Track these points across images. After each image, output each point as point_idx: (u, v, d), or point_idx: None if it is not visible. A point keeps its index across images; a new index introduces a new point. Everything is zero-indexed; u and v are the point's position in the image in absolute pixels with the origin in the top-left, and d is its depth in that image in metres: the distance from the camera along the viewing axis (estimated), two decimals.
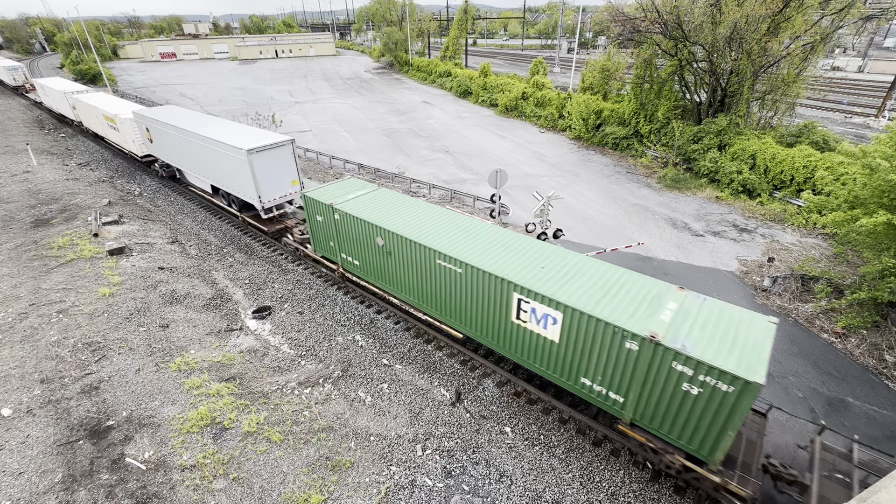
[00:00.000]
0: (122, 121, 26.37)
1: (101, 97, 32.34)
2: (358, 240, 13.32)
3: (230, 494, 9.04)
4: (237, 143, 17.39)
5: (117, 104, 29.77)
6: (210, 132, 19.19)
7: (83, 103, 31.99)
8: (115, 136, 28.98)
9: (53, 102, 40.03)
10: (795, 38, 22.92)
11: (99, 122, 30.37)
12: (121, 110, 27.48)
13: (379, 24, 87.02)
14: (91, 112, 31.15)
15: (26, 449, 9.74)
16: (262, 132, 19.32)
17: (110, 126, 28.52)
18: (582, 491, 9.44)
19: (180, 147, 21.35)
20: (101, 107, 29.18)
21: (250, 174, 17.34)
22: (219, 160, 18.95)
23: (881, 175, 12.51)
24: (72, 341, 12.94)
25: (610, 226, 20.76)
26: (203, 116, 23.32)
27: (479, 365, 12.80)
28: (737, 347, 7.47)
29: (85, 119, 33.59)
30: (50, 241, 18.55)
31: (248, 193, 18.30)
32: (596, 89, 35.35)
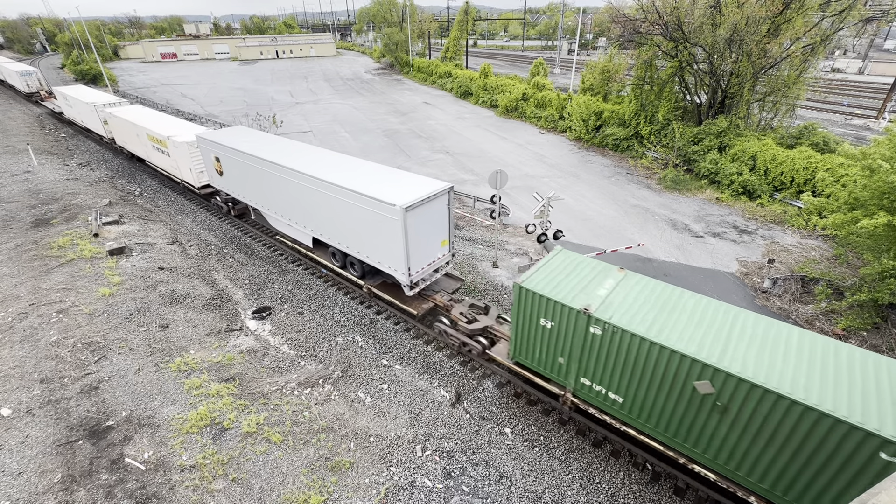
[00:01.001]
0: (175, 144, 21.75)
1: (142, 113, 27.78)
2: (632, 368, 8.51)
3: (229, 495, 9.03)
4: (383, 195, 12.05)
5: (167, 122, 25.16)
6: (329, 174, 13.84)
7: (120, 119, 27.29)
8: (162, 160, 24.38)
9: (79, 115, 35.00)
10: (795, 40, 22.94)
11: (140, 143, 25.89)
12: (173, 131, 22.86)
13: (379, 24, 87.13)
14: (129, 130, 26.57)
15: (26, 449, 9.74)
16: (406, 176, 13.85)
17: (157, 148, 24.04)
18: (582, 492, 9.43)
19: (271, 186, 16.33)
20: (144, 125, 24.55)
21: (400, 239, 11.98)
22: (340, 212, 13.61)
23: (881, 176, 12.51)
24: (71, 341, 12.94)
25: (610, 227, 20.76)
26: (301, 147, 17.24)
27: (479, 366, 12.80)
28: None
29: (119, 136, 29.16)
30: (50, 241, 18.56)
31: (389, 261, 13.05)
32: (596, 90, 35.38)
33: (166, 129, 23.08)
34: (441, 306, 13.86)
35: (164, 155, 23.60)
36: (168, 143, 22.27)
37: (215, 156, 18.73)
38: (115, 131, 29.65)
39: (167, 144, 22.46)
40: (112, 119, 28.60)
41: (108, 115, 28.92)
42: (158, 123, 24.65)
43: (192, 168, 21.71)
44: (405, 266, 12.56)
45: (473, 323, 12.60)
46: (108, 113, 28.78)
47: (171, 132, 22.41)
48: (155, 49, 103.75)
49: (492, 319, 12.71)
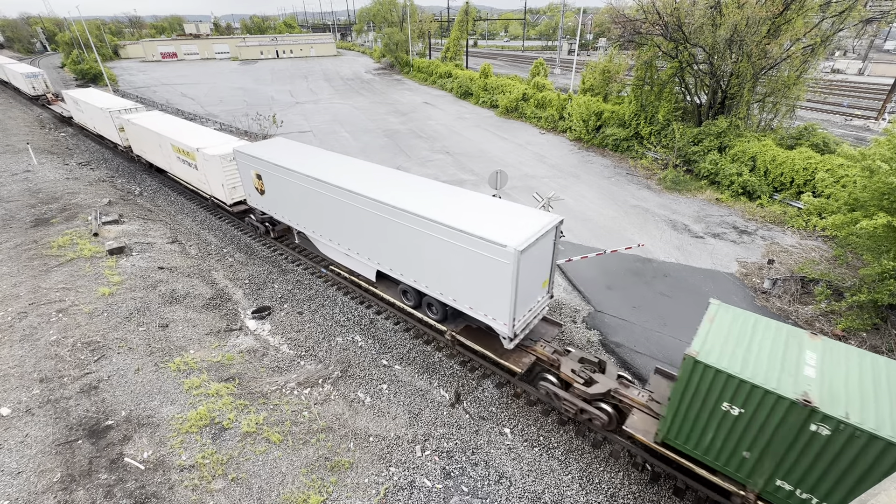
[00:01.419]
0: (206, 157, 19.53)
1: (164, 120, 25.54)
2: (872, 480, 6.44)
3: (229, 495, 9.03)
4: (489, 233, 9.76)
5: (193, 132, 22.94)
6: (407, 202, 11.50)
7: (139, 127, 25.05)
8: (188, 173, 22.10)
9: (91, 120, 32.51)
10: (796, 41, 22.95)
11: (162, 153, 23.70)
12: (202, 142, 20.57)
13: (380, 24, 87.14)
14: (150, 139, 24.39)
15: (25, 448, 9.73)
16: (501, 206, 11.54)
17: (182, 160, 21.93)
18: (581, 492, 9.43)
19: (326, 210, 14.02)
20: (168, 134, 22.30)
21: (507, 284, 9.76)
22: (424, 248, 11.30)
23: (881, 177, 12.52)
24: (71, 341, 12.93)
25: (610, 227, 20.76)
26: (357, 164, 15.16)
27: (478, 366, 12.79)
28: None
29: (137, 145, 26.99)
30: (50, 240, 18.55)
31: (486, 308, 10.72)
32: (596, 91, 35.38)
33: (195, 140, 20.84)
34: (545, 360, 11.30)
35: (191, 168, 21.31)
36: (197, 155, 20.01)
37: (256, 172, 16.55)
38: (132, 139, 27.31)
39: (195, 157, 20.15)
40: (130, 127, 26.36)
41: (126, 122, 26.61)
42: (185, 133, 22.41)
43: (224, 183, 19.45)
44: (508, 315, 10.20)
45: (592, 385, 10.31)
46: (126, 120, 26.45)
47: (201, 144, 20.24)
48: (155, 49, 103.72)
49: (613, 380, 10.41)
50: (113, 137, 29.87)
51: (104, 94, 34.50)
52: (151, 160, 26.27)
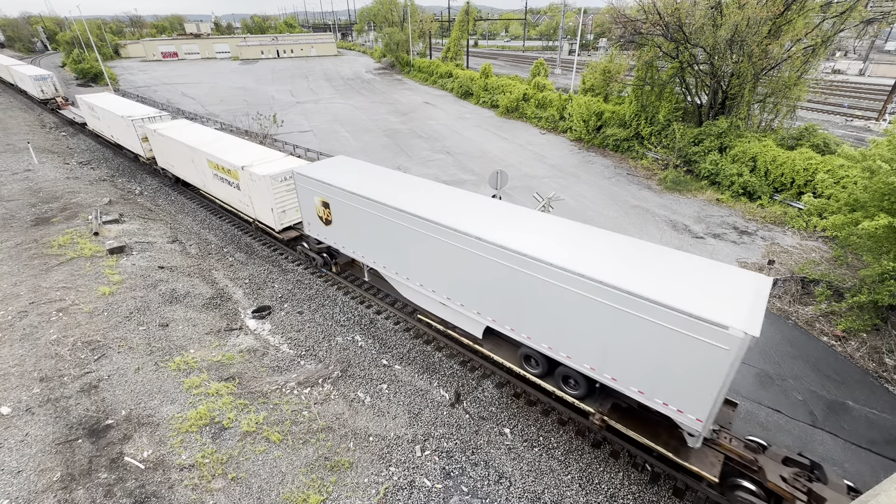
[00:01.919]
0: (253, 177, 16.93)
1: (197, 132, 22.76)
2: None
3: (229, 494, 9.03)
4: (699, 309, 7.11)
5: (234, 147, 20.05)
6: (557, 256, 8.74)
7: (169, 139, 22.38)
8: (227, 192, 19.64)
9: (108, 128, 29.90)
10: (796, 41, 22.94)
11: (195, 169, 21.22)
12: (247, 159, 17.85)
13: (380, 24, 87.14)
14: (181, 152, 21.75)
15: (25, 447, 9.74)
16: (698, 265, 8.72)
17: (220, 178, 19.48)
18: (581, 493, 9.43)
19: (418, 249, 11.44)
20: (205, 149, 19.66)
21: (715, 375, 7.31)
22: (581, 312, 8.55)
23: (881, 178, 12.51)
24: (71, 340, 12.94)
25: (610, 227, 20.69)
26: (450, 193, 12.32)
27: (478, 366, 12.79)
28: None
29: (163, 158, 24.56)
30: (50, 239, 18.56)
31: (664, 394, 8.11)
32: (597, 91, 35.38)
33: (238, 157, 18.26)
34: (742, 461, 8.41)
35: (231, 187, 19.00)
36: (241, 174, 17.60)
37: (322, 200, 13.81)
38: (157, 151, 24.85)
39: (238, 176, 17.82)
40: (156, 138, 23.81)
41: (151, 132, 24.12)
42: (224, 148, 19.82)
43: (273, 207, 16.96)
44: (707, 410, 7.56)
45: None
46: (152, 130, 23.95)
47: (246, 161, 17.67)
48: (156, 48, 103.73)
49: (844, 494, 7.59)
50: (134, 148, 27.25)
51: (123, 101, 31.78)
52: (180, 175, 23.83)
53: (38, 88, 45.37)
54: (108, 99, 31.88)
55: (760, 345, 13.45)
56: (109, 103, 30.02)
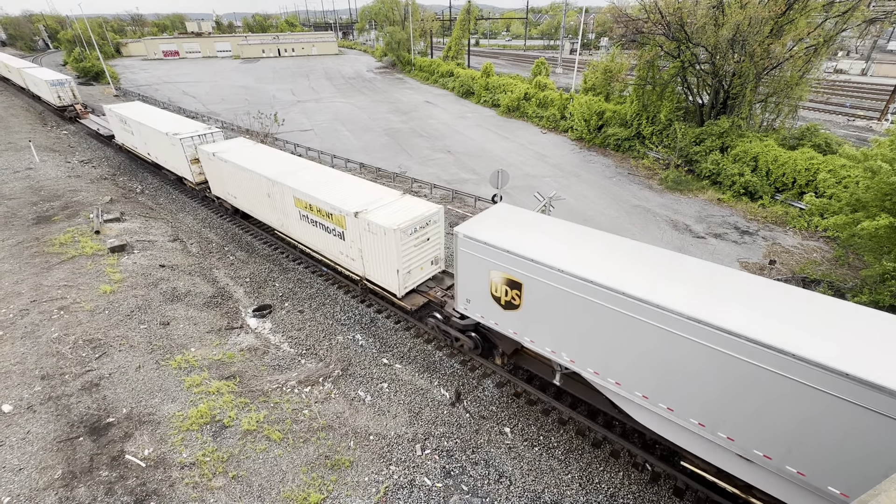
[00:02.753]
0: (374, 229, 12.93)
1: (274, 159, 18.41)
2: None
3: (229, 492, 9.05)
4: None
5: (329, 180, 15.94)
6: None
7: (233, 165, 18.15)
8: (322, 240, 15.38)
9: (145, 145, 25.53)
10: (798, 41, 22.89)
11: (272, 204, 17.01)
12: (358, 201, 13.82)
13: (381, 23, 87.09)
14: (252, 184, 17.55)
15: (26, 445, 9.76)
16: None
17: (311, 220, 15.30)
18: (581, 492, 9.43)
19: (702, 371, 7.44)
20: (292, 184, 15.42)
21: None
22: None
23: (883, 178, 12.50)
24: (73, 338, 12.97)
25: (611, 227, 20.74)
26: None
27: (478, 365, 12.80)
28: None
29: (221, 185, 20.09)
30: (52, 237, 18.59)
31: None
32: (598, 90, 35.35)
33: (345, 198, 14.01)
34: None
35: (331, 235, 14.73)
36: (351, 222, 13.50)
37: (508, 277, 9.88)
38: (213, 177, 20.42)
39: (346, 223, 13.75)
40: (214, 163, 19.43)
41: (208, 156, 19.66)
42: (317, 183, 15.35)
43: (399, 268, 12.82)
44: None
45: None
46: (208, 153, 19.51)
47: (359, 205, 13.47)
48: (157, 47, 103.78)
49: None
50: (179, 170, 22.88)
51: (161, 113, 27.38)
52: (245, 209, 19.40)
53: (54, 94, 40.57)
54: (142, 111, 27.50)
55: None
56: (146, 116, 25.74)
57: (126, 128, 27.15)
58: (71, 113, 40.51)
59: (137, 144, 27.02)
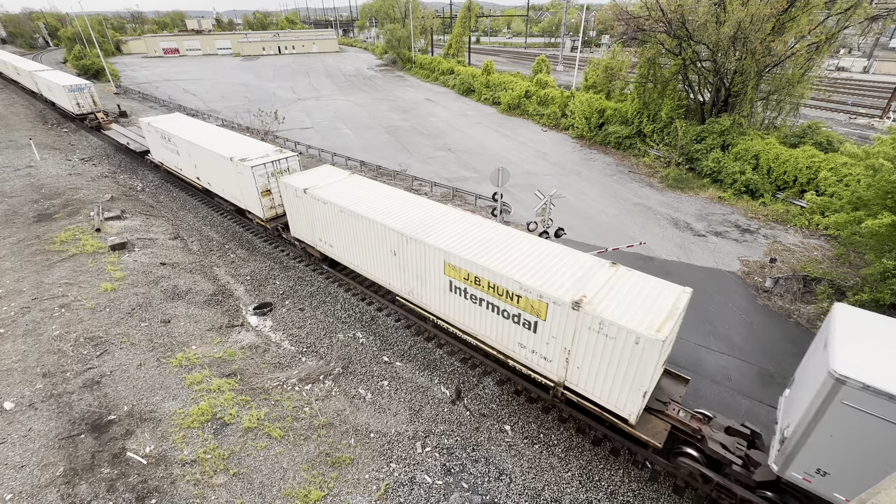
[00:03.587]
0: (638, 339, 8.23)
1: (394, 202, 13.77)
2: None
3: (230, 489, 9.08)
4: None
5: (525, 250, 10.97)
6: None
7: (339, 210, 13.93)
8: (499, 328, 10.95)
9: (196, 168, 21.38)
10: (800, 38, 22.80)
11: (399, 262, 12.73)
12: (563, 282, 9.69)
13: (382, 21, 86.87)
14: (370, 235, 13.27)
15: (28, 442, 9.80)
16: None
17: (476, 299, 10.98)
18: (581, 490, 9.45)
19: None
20: (446, 247, 11.13)
21: None
22: None
23: (884, 176, 12.47)
24: (74, 336, 12.99)
25: (612, 225, 20.72)
26: None
27: (479, 363, 12.81)
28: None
29: (310, 228, 15.82)
30: (52, 235, 18.60)
31: None
32: (599, 88, 35.24)
33: (548, 279, 9.77)
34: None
35: (508, 321, 10.49)
36: (560, 313, 9.34)
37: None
38: (297, 215, 16.28)
39: (544, 312, 9.60)
40: (305, 202, 15.25)
41: (295, 191, 15.38)
42: (493, 253, 10.74)
43: (647, 389, 8.75)
44: None
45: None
46: (296, 188, 15.19)
47: (572, 290, 9.36)
48: (157, 44, 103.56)
49: None
50: (246, 202, 18.64)
51: (215, 129, 22.99)
52: (346, 261, 15.03)
53: (73, 101, 35.92)
54: (189, 126, 23.24)
55: (762, 343, 13.45)
56: (197, 133, 21.60)
57: (169, 146, 22.91)
58: (92, 122, 35.87)
59: (184, 166, 22.67)
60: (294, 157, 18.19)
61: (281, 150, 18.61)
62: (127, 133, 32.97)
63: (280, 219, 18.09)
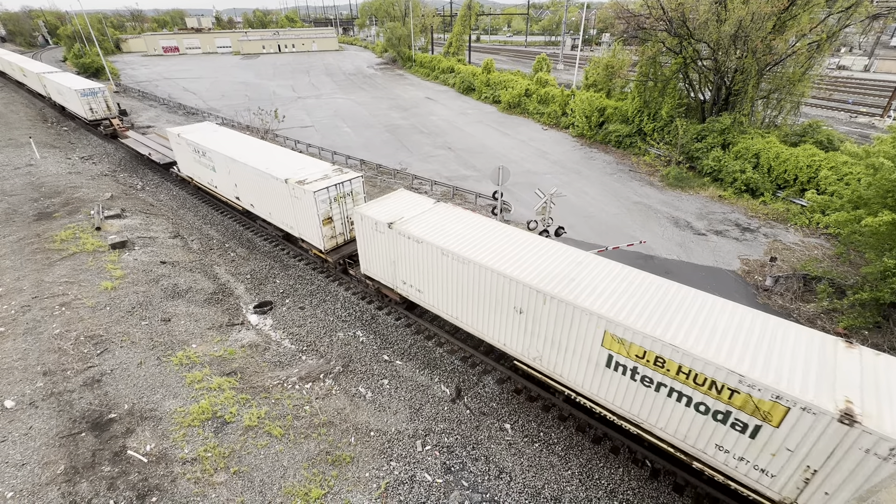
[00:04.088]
0: None
1: (514, 240, 11.29)
2: None
3: (231, 488, 9.10)
4: None
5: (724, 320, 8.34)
6: None
7: (449, 257, 11.02)
8: (696, 425, 8.12)
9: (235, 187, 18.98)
10: (801, 37, 22.76)
11: (525, 328, 10.22)
12: (805, 374, 7.09)
13: (382, 19, 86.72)
14: (492, 289, 10.42)
15: (29, 440, 9.81)
16: None
17: (672, 394, 8.17)
18: (581, 488, 9.47)
19: None
20: (640, 327, 8.15)
21: None
22: None
23: (885, 175, 12.46)
24: (74, 334, 13.00)
25: (612, 224, 20.72)
26: None
27: (479, 362, 12.82)
28: None
29: (395, 267, 12.99)
30: (53, 234, 18.60)
31: None
32: (599, 87, 35.20)
33: (786, 377, 7.10)
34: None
35: (715, 420, 7.89)
36: (804, 417, 6.75)
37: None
38: (378, 253, 13.34)
39: (776, 417, 7.07)
40: (389, 238, 12.52)
41: (375, 225, 12.71)
42: (715, 343, 7.83)
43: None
44: None
45: None
46: (378, 222, 12.55)
47: (831, 391, 6.81)
48: (157, 42, 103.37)
49: None
50: (302, 230, 16.27)
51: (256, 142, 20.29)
52: (441, 309, 12.27)
53: (85, 106, 33.41)
54: (223, 137, 20.86)
55: None
56: (235, 147, 19.24)
57: (203, 161, 20.34)
58: (107, 129, 33.40)
59: (220, 184, 20.16)
60: (358, 179, 15.85)
61: (340, 168, 16.23)
62: (146, 142, 30.17)
63: (341, 250, 15.93)
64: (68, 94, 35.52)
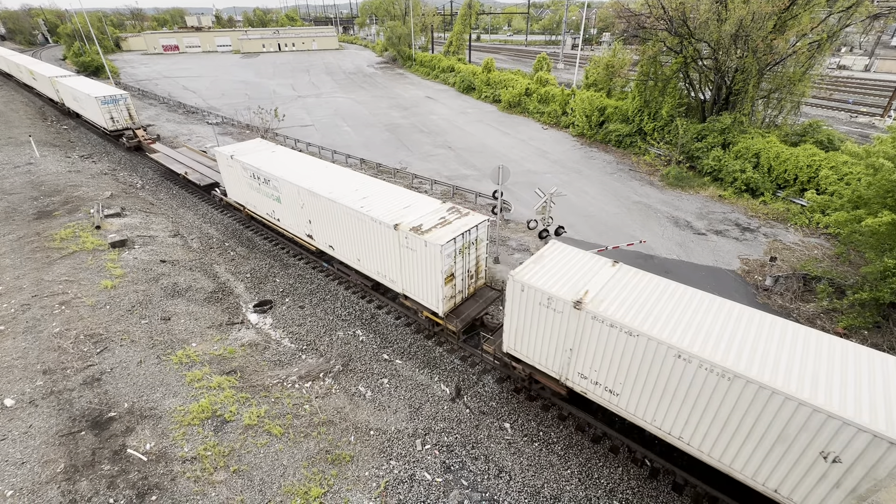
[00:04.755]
0: None
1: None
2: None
3: (231, 486, 9.11)
4: None
5: None
6: None
7: (666, 350, 7.83)
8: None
9: (309, 223, 15.96)
10: (802, 37, 22.74)
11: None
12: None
13: (382, 18, 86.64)
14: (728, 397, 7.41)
15: (29, 439, 9.82)
16: None
17: None
18: (580, 487, 9.48)
19: None
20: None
21: None
22: None
23: (885, 175, 12.46)
24: (74, 333, 13.00)
25: (612, 223, 20.71)
26: None
27: (479, 361, 12.82)
28: None
29: (585, 363, 9.31)
30: (52, 232, 18.60)
31: None
32: (600, 86, 35.17)
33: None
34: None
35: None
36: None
37: None
38: (529, 327, 10.11)
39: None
40: (557, 315, 9.30)
41: (534, 294, 9.45)
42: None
43: None
44: None
45: None
46: (538, 290, 9.35)
47: None
48: (157, 41, 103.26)
49: None
50: (417, 292, 13.06)
51: (323, 165, 17.38)
52: (689, 443, 8.39)
53: (106, 115, 30.45)
54: (284, 160, 17.82)
55: None
56: (305, 174, 16.21)
57: (264, 188, 17.37)
58: (131, 141, 30.48)
59: (287, 217, 17.06)
60: (484, 224, 12.87)
61: (458, 209, 13.25)
62: (178, 156, 26.89)
63: (459, 311, 12.89)
64: (86, 101, 32.26)
